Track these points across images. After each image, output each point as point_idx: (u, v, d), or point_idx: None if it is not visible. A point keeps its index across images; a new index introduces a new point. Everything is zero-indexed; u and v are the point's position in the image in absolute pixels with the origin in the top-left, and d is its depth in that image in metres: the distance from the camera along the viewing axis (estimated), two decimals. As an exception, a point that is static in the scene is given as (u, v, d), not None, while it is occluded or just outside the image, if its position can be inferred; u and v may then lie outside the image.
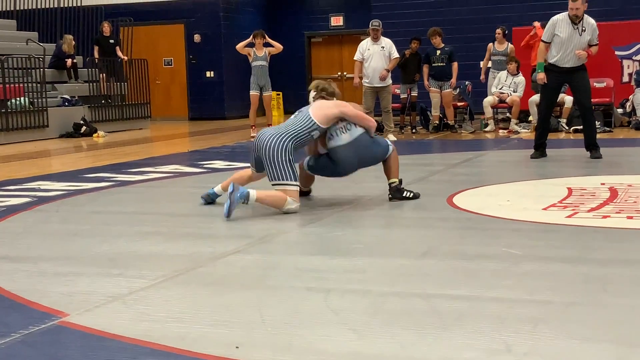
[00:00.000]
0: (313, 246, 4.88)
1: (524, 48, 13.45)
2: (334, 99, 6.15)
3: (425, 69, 13.27)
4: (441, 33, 13.26)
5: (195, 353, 2.84)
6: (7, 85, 14.31)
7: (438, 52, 13.12)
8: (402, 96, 13.74)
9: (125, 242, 4.90)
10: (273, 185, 5.66)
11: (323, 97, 6.11)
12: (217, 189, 6.15)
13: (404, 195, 6.13)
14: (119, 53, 17.06)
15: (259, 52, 13.42)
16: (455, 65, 13.13)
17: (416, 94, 13.68)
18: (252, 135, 13.09)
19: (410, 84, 13.61)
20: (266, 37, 13.46)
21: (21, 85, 14.63)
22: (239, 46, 13.44)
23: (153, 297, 3.60)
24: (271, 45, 13.43)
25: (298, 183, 5.73)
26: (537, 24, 13.51)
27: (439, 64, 13.11)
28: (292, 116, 5.89)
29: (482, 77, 14.06)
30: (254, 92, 13.48)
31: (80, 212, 6.26)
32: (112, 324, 3.19)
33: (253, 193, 5.51)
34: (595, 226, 5.04)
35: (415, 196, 6.17)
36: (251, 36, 13.38)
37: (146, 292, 3.69)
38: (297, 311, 3.32)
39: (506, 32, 14.14)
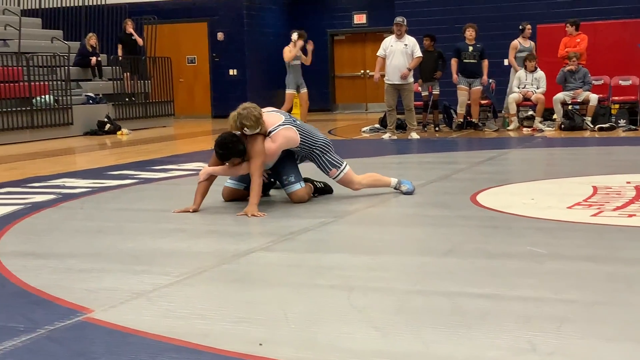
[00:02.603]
0: (336, 244, 4.87)
1: (562, 59, 13.26)
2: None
3: (454, 63, 13.12)
4: (477, 29, 13.13)
5: (219, 350, 2.85)
6: (33, 83, 14.44)
7: (470, 48, 13.01)
8: (423, 94, 13.67)
9: (149, 239, 4.92)
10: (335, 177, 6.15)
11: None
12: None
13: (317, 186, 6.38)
14: (138, 40, 16.97)
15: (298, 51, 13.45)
16: (486, 62, 13.03)
17: (438, 92, 13.62)
18: None
19: (431, 82, 13.54)
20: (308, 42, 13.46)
21: (46, 83, 14.76)
22: (290, 56, 13.34)
23: (177, 294, 3.62)
24: (305, 54, 13.39)
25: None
26: (569, 28, 13.41)
27: (471, 61, 12.99)
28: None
29: (517, 67, 13.72)
30: (292, 91, 13.46)
31: (105, 209, 6.30)
32: (136, 320, 3.21)
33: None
34: (620, 225, 4.99)
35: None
36: (297, 35, 13.31)
37: (170, 288, 3.70)
38: (320, 309, 3.32)
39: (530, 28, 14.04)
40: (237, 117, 5.71)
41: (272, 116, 5.95)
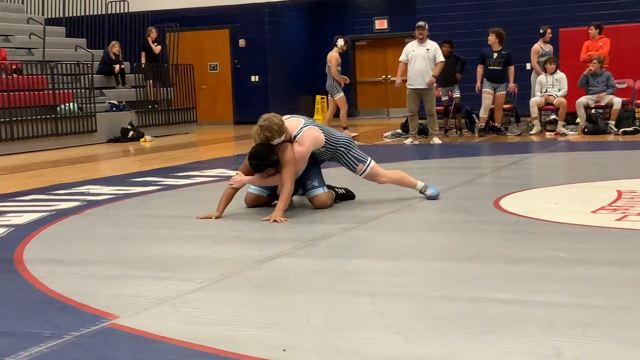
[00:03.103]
0: (359, 249, 4.87)
1: (584, 62, 13.19)
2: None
3: (480, 70, 13.00)
4: (498, 34, 13.02)
5: (242, 356, 2.86)
6: (57, 91, 14.57)
7: (495, 54, 12.90)
8: (443, 99, 13.56)
9: (172, 246, 4.94)
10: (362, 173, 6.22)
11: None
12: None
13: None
14: (154, 48, 17.04)
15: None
16: (512, 68, 12.91)
17: (459, 96, 13.52)
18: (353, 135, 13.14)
19: (450, 86, 13.46)
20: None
21: (70, 91, 14.88)
22: (336, 72, 13.55)
23: (200, 300, 3.63)
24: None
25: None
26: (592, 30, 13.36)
27: (495, 67, 12.90)
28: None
29: (540, 71, 13.61)
30: (341, 94, 13.83)
31: (129, 215, 6.34)
32: (161, 326, 3.23)
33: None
34: (645, 229, 4.95)
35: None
36: (342, 41, 13.40)
37: (194, 295, 3.72)
38: (343, 314, 3.32)
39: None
40: (259, 130, 5.72)
41: (292, 121, 5.98)
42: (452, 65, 13.37)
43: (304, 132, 5.89)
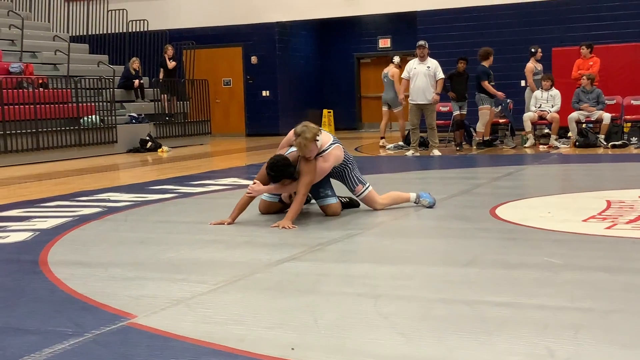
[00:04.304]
0: (363, 254, 4.86)
1: (575, 80, 13.20)
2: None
3: (489, 85, 12.85)
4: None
5: (253, 354, 2.85)
6: (80, 104, 14.61)
7: (491, 71, 12.96)
8: (455, 113, 13.39)
9: (188, 250, 4.94)
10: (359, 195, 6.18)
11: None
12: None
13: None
14: (169, 64, 17.07)
15: None
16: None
17: (465, 112, 13.42)
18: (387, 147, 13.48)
19: (463, 102, 13.33)
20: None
21: (93, 104, 14.93)
22: (399, 86, 13.60)
23: (214, 301, 3.63)
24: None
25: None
26: (583, 50, 13.38)
27: (492, 83, 12.92)
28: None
29: (535, 88, 13.59)
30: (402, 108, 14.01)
31: (147, 221, 6.34)
32: (177, 325, 3.22)
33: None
34: (633, 237, 4.92)
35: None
36: (398, 58, 13.71)
37: (207, 296, 3.71)
38: (348, 315, 3.31)
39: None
40: (305, 128, 5.66)
41: (325, 135, 5.97)
42: (465, 82, 13.25)
43: (331, 150, 5.89)
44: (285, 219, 5.62)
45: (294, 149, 5.85)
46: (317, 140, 5.71)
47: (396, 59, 13.83)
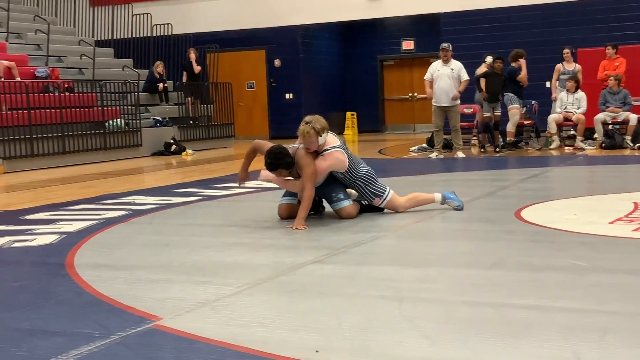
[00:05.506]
0: (387, 257, 4.85)
1: (602, 81, 13.10)
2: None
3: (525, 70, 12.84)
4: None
5: (277, 356, 2.86)
6: (105, 108, 14.74)
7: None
8: (485, 114, 13.13)
9: (212, 252, 4.96)
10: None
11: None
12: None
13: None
14: (195, 68, 17.16)
15: None
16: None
17: (499, 114, 13.09)
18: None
19: (495, 103, 13.06)
20: None
21: (118, 107, 15.05)
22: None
23: (238, 304, 3.64)
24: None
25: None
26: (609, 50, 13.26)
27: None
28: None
29: (554, 95, 13.55)
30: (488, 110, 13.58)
31: (171, 224, 6.37)
32: (202, 327, 3.24)
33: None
34: (661, 239, 4.88)
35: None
36: (491, 58, 13.14)
37: (232, 298, 3.73)
38: (372, 318, 3.31)
39: (573, 52, 13.83)
40: (311, 121, 5.79)
41: (331, 137, 5.98)
42: (502, 83, 13.06)
43: (332, 151, 5.89)
44: (297, 218, 5.63)
45: (296, 145, 5.86)
46: (321, 136, 5.74)
47: (489, 58, 13.58)
